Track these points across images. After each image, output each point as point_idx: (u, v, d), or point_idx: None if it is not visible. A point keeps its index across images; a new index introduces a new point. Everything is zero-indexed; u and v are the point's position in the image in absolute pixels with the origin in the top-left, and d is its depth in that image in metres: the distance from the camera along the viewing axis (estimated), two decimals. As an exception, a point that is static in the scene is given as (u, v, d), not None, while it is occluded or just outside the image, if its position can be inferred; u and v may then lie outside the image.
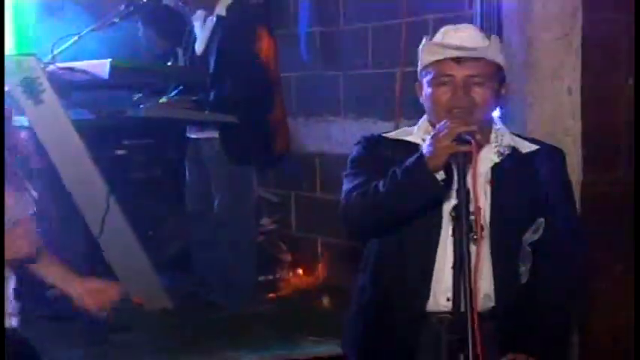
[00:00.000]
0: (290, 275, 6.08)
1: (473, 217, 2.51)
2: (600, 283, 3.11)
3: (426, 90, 2.81)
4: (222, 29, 5.14)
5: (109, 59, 4.84)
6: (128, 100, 5.06)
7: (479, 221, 2.53)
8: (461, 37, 2.79)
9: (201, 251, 5.38)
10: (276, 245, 6.15)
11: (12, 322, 2.95)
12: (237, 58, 5.07)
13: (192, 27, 5.33)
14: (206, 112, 5.08)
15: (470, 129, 2.56)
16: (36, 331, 4.44)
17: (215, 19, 5.19)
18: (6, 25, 5.46)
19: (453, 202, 2.58)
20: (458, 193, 2.52)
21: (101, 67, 4.83)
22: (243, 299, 5.16)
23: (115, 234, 4.89)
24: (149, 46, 5.93)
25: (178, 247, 5.70)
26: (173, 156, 5.70)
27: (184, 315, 5.04)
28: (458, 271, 2.50)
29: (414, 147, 2.77)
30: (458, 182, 2.53)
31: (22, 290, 3.04)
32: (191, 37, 5.32)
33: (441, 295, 2.78)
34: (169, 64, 5.57)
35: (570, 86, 4.28)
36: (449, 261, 2.65)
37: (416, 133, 2.88)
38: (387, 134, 2.95)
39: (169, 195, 5.66)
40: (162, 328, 4.87)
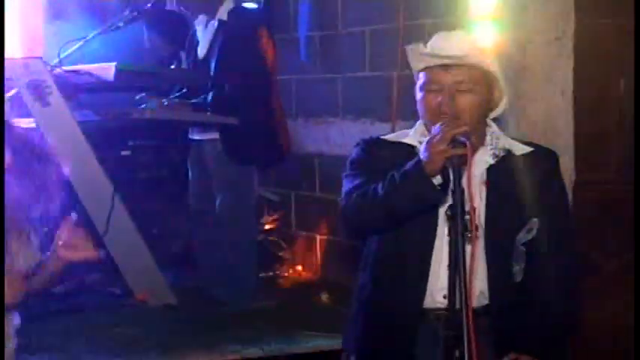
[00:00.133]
0: (290, 272, 6.09)
1: (468, 217, 2.50)
2: (593, 282, 3.07)
3: (418, 94, 2.81)
4: (223, 33, 5.13)
5: (114, 62, 4.85)
6: (133, 102, 5.05)
7: (474, 221, 2.53)
8: (449, 44, 2.77)
9: (203, 249, 5.36)
10: (277, 243, 6.15)
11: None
12: (237, 61, 5.05)
13: (195, 31, 5.31)
14: (207, 113, 5.05)
15: (462, 130, 2.55)
16: (44, 326, 4.47)
17: (217, 23, 5.18)
18: (14, 28, 5.44)
19: (448, 202, 2.56)
20: (453, 194, 2.51)
21: (106, 70, 4.85)
22: (244, 295, 5.14)
23: (120, 232, 4.89)
24: (153, 50, 5.95)
25: (181, 244, 5.70)
26: (176, 156, 5.69)
27: (187, 310, 5.02)
28: (453, 269, 2.49)
29: (411, 149, 2.79)
30: (453, 183, 2.52)
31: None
32: (194, 41, 5.31)
33: (437, 292, 2.76)
34: (173, 67, 5.56)
35: (563, 89, 4.26)
36: (445, 259, 2.68)
37: (412, 135, 2.86)
38: (384, 137, 2.95)
39: (173, 194, 5.64)
40: (166, 323, 4.84)
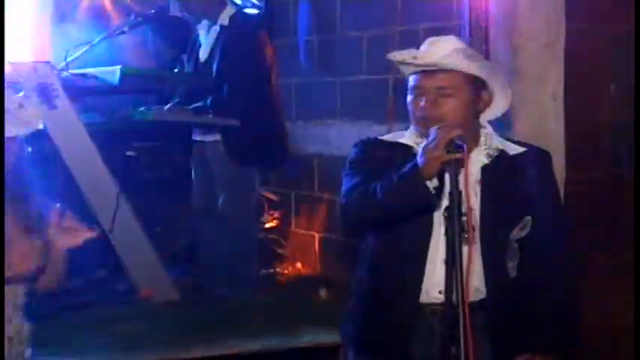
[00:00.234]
0: (289, 269, 6.08)
1: (465, 219, 2.51)
2: (585, 281, 3.06)
3: (408, 97, 2.82)
4: (224, 38, 5.13)
5: (119, 66, 4.87)
6: (137, 104, 5.03)
7: (470, 222, 2.54)
8: (431, 50, 2.79)
9: (206, 246, 5.36)
10: (277, 241, 6.15)
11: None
12: (238, 65, 5.04)
13: (197, 36, 5.31)
14: (209, 115, 5.03)
15: (456, 135, 2.55)
16: (51, 321, 4.44)
17: (218, 28, 5.17)
18: (23, 32, 5.42)
19: (445, 203, 2.56)
20: (450, 196, 2.51)
21: (111, 73, 4.88)
22: (245, 291, 5.13)
23: (125, 230, 4.90)
24: (157, 54, 5.94)
25: (185, 242, 5.69)
26: (180, 157, 5.68)
27: (190, 306, 5.01)
28: (450, 267, 2.49)
29: (407, 148, 2.80)
30: (450, 185, 2.52)
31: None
32: (196, 45, 5.30)
33: (433, 288, 2.76)
34: (176, 70, 5.55)
35: (554, 92, 4.26)
36: (441, 256, 2.67)
37: (408, 135, 2.86)
38: (381, 137, 2.96)
39: (176, 194, 5.63)
40: (169, 318, 4.82)
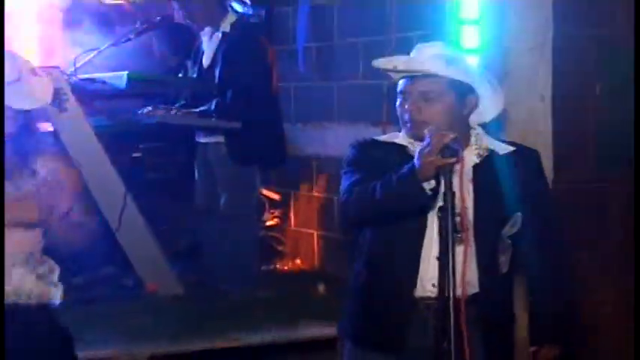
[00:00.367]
0: (289, 265, 6.09)
1: (458, 219, 2.54)
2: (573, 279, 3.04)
3: (397, 101, 2.85)
4: (226, 44, 5.12)
5: (126, 71, 4.86)
6: (143, 107, 5.03)
7: (464, 220, 2.57)
8: (418, 55, 2.81)
9: (209, 243, 5.35)
10: (277, 238, 6.16)
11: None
12: (240, 70, 5.03)
13: (201, 42, 5.30)
14: (212, 118, 5.02)
15: (450, 139, 2.55)
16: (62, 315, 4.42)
17: (220, 35, 5.17)
18: (31, 37, 5.40)
19: (439, 203, 2.56)
20: (444, 196, 2.52)
21: (119, 78, 4.89)
22: (246, 286, 5.12)
23: (132, 228, 4.90)
24: (162, 60, 5.94)
25: (188, 239, 5.68)
26: (184, 158, 5.67)
27: (194, 300, 5.00)
28: (443, 264, 2.50)
29: (402, 148, 2.82)
30: (444, 186, 2.54)
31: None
32: (199, 51, 5.30)
33: (427, 282, 2.76)
34: (180, 75, 5.55)
35: (542, 93, 4.24)
36: (434, 251, 2.68)
37: (402, 136, 2.88)
38: (377, 138, 2.97)
39: (180, 193, 5.62)
40: (174, 312, 4.81)
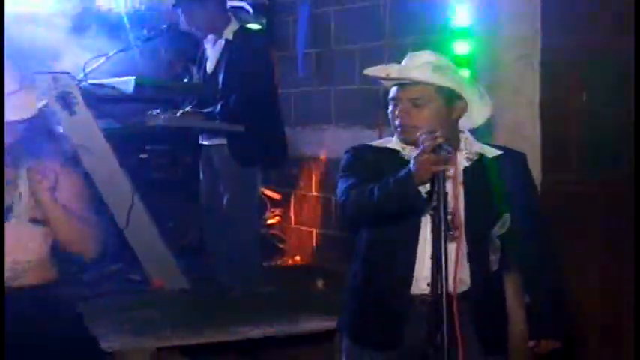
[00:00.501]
0: (289, 261, 6.10)
1: (450, 217, 2.54)
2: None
3: (389, 107, 2.87)
4: (229, 51, 5.11)
5: (134, 76, 4.85)
6: (150, 111, 5.01)
7: (457, 220, 2.58)
8: (408, 63, 2.83)
9: (213, 240, 5.33)
10: (278, 236, 6.17)
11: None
12: (242, 76, 5.02)
13: (205, 49, 5.29)
14: (216, 121, 5.03)
15: (439, 142, 2.55)
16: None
17: (223, 42, 5.15)
18: (42, 43, 5.39)
19: (433, 203, 2.57)
20: (438, 197, 2.53)
21: (126, 83, 4.86)
22: (249, 281, 5.11)
23: (139, 226, 4.87)
24: (168, 66, 5.95)
25: (193, 236, 5.68)
26: (188, 160, 5.68)
27: (198, 295, 5.00)
28: (436, 262, 2.51)
29: (394, 152, 2.84)
30: (438, 187, 2.54)
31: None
32: (203, 58, 5.29)
33: (422, 280, 2.78)
34: (185, 80, 5.56)
35: (530, 99, 4.25)
36: (428, 250, 2.69)
37: (395, 141, 2.89)
38: (371, 143, 2.99)
39: (185, 193, 5.63)
40: (179, 305, 4.82)
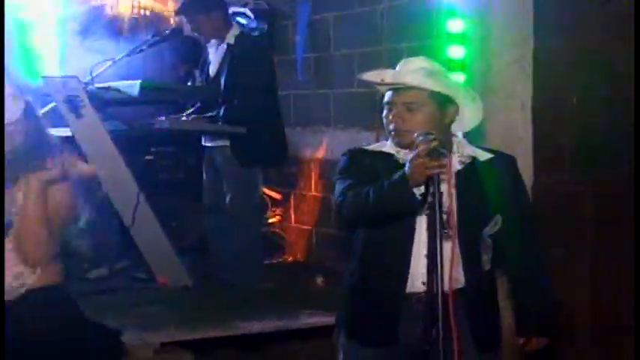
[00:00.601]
0: (289, 259, 6.09)
1: (446, 217, 2.55)
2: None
3: (383, 111, 2.88)
4: (231, 55, 5.13)
5: (139, 80, 4.87)
6: (155, 114, 5.05)
7: (452, 220, 2.58)
8: (402, 69, 2.84)
9: (216, 239, 5.34)
10: (278, 234, 6.17)
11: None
12: (244, 79, 5.03)
13: (207, 53, 5.31)
14: (219, 124, 5.04)
15: (433, 145, 2.58)
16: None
17: (225, 46, 5.17)
18: (50, 48, 5.40)
19: (428, 203, 2.58)
20: (433, 198, 2.54)
21: (132, 86, 4.88)
22: (250, 279, 5.12)
23: (144, 225, 4.89)
24: (172, 69, 5.97)
25: (197, 235, 5.67)
26: (192, 161, 5.68)
27: (202, 292, 5.01)
28: (432, 260, 2.52)
29: (389, 156, 2.85)
30: (433, 188, 2.55)
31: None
32: (206, 62, 5.30)
33: (417, 278, 2.78)
34: (189, 84, 5.57)
35: (523, 102, 4.24)
36: (423, 250, 2.69)
37: (389, 145, 2.90)
38: (366, 147, 3.01)
39: (189, 193, 5.63)
40: (183, 302, 4.83)
